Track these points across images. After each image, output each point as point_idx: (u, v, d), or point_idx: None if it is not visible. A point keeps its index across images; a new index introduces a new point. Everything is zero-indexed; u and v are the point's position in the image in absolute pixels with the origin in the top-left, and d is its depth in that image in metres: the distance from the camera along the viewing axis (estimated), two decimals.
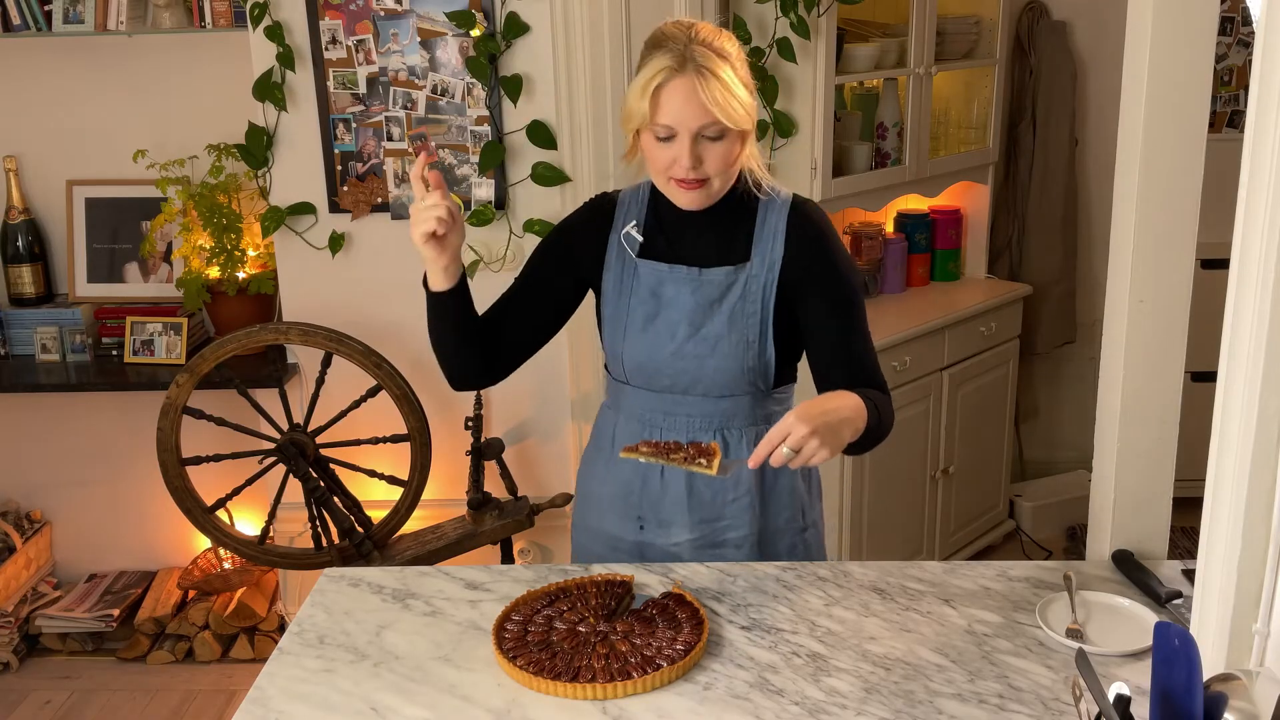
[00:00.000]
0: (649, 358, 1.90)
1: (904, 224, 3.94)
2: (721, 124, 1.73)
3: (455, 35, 3.01)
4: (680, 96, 1.72)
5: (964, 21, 3.73)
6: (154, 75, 3.40)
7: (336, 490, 2.99)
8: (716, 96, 1.72)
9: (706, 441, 1.83)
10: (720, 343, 1.87)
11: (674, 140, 1.75)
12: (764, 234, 1.87)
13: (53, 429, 3.66)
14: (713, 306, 1.87)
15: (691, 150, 1.75)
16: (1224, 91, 4.10)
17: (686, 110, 1.72)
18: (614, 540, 2.01)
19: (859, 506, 3.42)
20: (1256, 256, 1.21)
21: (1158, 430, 1.87)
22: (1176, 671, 1.19)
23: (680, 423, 1.92)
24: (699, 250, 1.89)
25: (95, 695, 3.34)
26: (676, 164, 1.76)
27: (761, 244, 1.87)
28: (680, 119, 1.73)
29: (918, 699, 1.57)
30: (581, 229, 1.98)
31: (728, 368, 1.88)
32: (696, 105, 1.72)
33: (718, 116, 1.72)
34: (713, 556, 1.96)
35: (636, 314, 1.90)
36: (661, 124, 1.74)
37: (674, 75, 1.72)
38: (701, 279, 1.87)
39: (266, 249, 3.34)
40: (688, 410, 1.92)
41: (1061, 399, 4.37)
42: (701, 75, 1.71)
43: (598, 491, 2.04)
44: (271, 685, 1.65)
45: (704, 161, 1.76)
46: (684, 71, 1.71)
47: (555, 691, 1.59)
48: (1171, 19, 1.70)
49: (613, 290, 1.93)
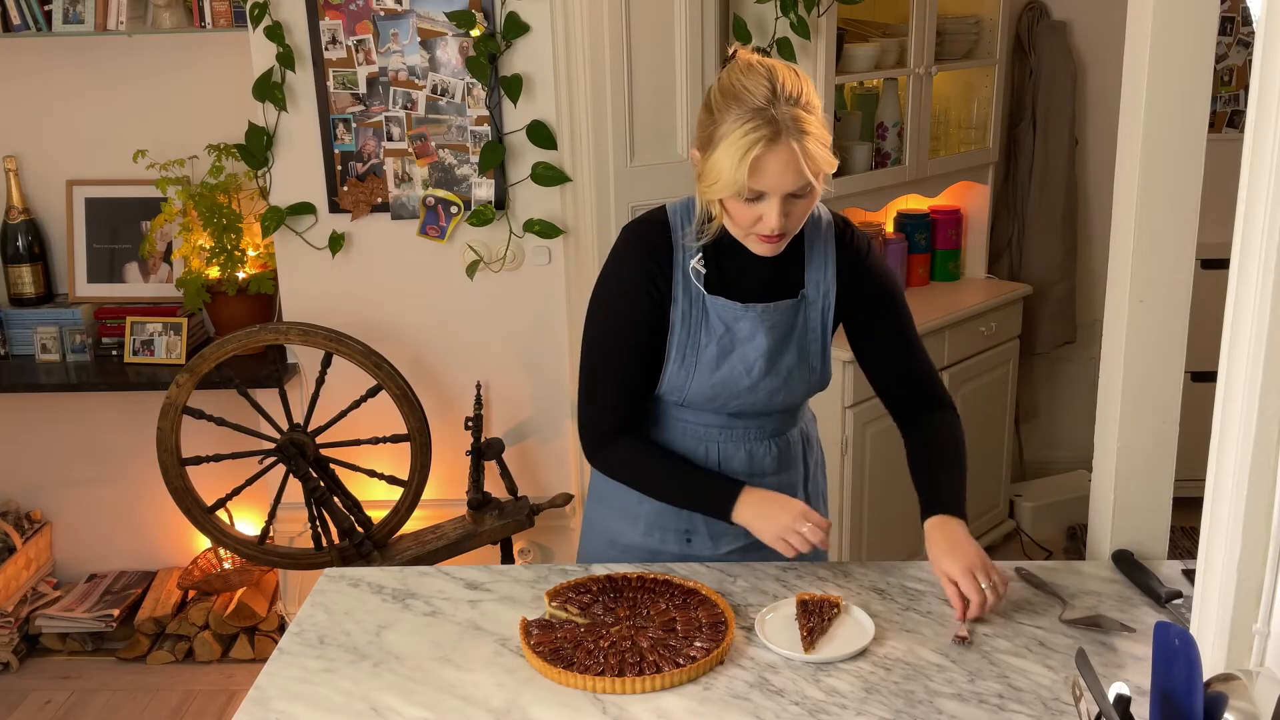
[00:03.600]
0: (723, 390, 1.88)
1: (904, 224, 3.93)
2: (813, 182, 1.71)
3: (455, 35, 3.01)
4: (779, 165, 1.67)
5: (964, 21, 3.73)
6: (154, 75, 3.40)
7: (336, 490, 2.99)
8: (814, 158, 1.69)
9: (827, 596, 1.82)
10: (792, 373, 1.90)
11: (763, 201, 1.71)
12: (814, 261, 1.89)
13: (53, 429, 3.66)
14: (783, 341, 1.88)
15: (781, 210, 1.71)
16: (1224, 91, 4.10)
17: (784, 178, 1.68)
18: (652, 555, 1.99)
19: (859, 506, 3.42)
20: (1256, 256, 1.21)
21: (1158, 430, 1.87)
22: (1176, 671, 1.19)
23: (738, 434, 1.94)
24: (759, 283, 1.87)
25: (95, 695, 3.34)
26: (763, 222, 1.73)
27: (813, 271, 1.89)
28: (776, 185, 1.69)
29: (918, 699, 1.57)
30: (649, 277, 1.84)
31: (796, 391, 1.92)
32: (795, 171, 1.68)
33: (810, 179, 1.70)
34: (758, 558, 1.97)
35: (710, 349, 1.86)
36: (755, 189, 1.70)
37: (771, 145, 1.66)
38: (775, 316, 1.87)
39: (266, 249, 3.34)
40: (744, 425, 1.94)
41: (1061, 399, 4.37)
42: (799, 141, 1.66)
43: (636, 510, 1.98)
44: (271, 685, 1.65)
45: (790, 216, 1.74)
46: (780, 140, 1.66)
47: (554, 678, 1.60)
48: (1171, 19, 1.70)
49: (680, 323, 1.85)
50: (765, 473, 1.95)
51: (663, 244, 1.84)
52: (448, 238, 3.15)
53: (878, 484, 3.45)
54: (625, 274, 1.86)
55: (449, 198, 3.13)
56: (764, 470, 1.95)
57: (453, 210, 3.13)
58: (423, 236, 3.16)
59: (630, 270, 1.85)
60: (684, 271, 1.84)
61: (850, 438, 3.32)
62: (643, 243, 1.86)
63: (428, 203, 3.13)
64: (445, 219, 3.14)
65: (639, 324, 1.85)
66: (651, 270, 1.83)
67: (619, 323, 1.87)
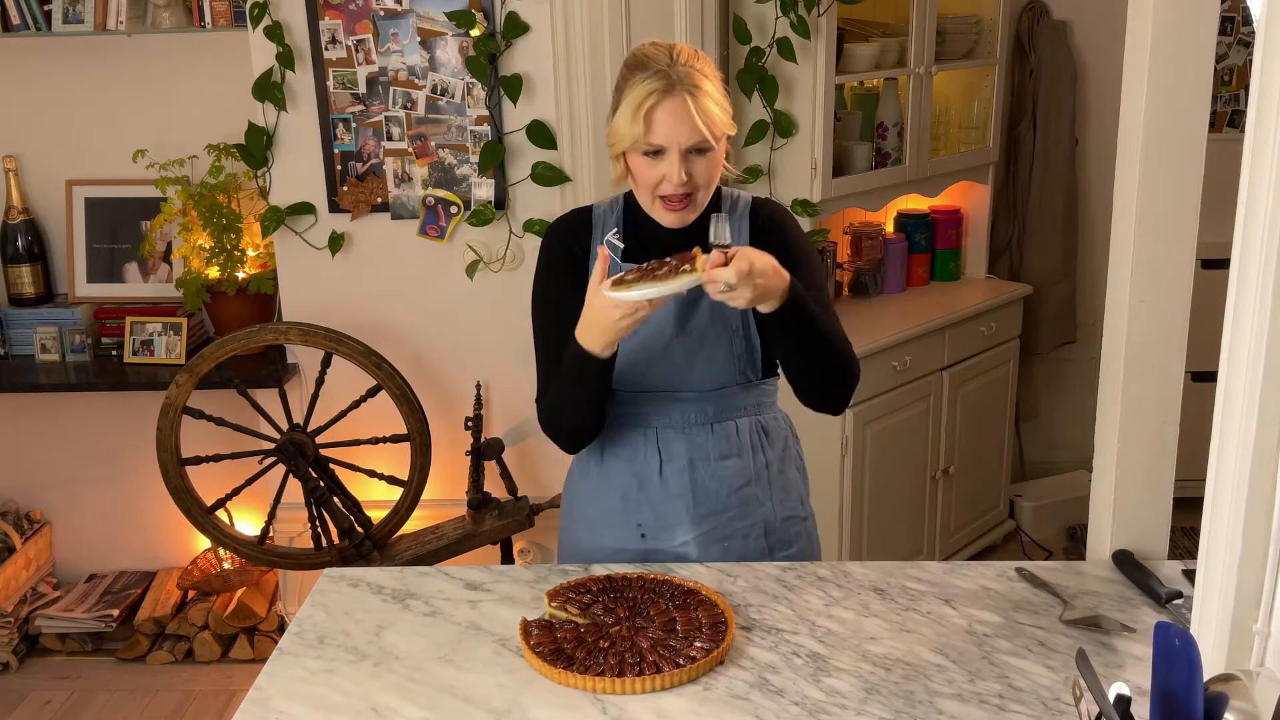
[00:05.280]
0: (641, 355, 1.91)
1: (904, 224, 3.93)
2: (709, 138, 1.80)
3: (455, 35, 3.01)
4: (673, 116, 1.79)
5: (964, 21, 3.73)
6: (154, 75, 3.40)
7: (336, 490, 2.99)
8: (707, 112, 1.79)
9: (687, 254, 1.78)
10: (706, 335, 1.91)
11: (663, 157, 1.81)
12: (733, 229, 1.91)
13: (53, 429, 3.66)
14: (696, 302, 1.89)
15: (681, 165, 1.81)
16: (1224, 91, 4.10)
17: (679, 129, 1.79)
18: (614, 554, 2.00)
19: (859, 506, 3.42)
20: (1256, 256, 1.21)
21: (1158, 430, 1.87)
22: (1176, 671, 1.19)
23: (676, 419, 1.94)
24: (675, 252, 1.86)
25: (95, 695, 3.34)
26: (666, 180, 1.82)
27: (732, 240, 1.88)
28: (672, 137, 1.79)
29: (918, 699, 1.57)
30: (566, 248, 1.97)
31: (716, 358, 1.92)
32: (689, 124, 1.79)
33: (706, 133, 1.79)
34: (723, 550, 1.97)
35: None
36: (653, 143, 1.80)
37: (664, 96, 1.78)
38: None
39: (266, 249, 3.34)
40: (681, 406, 1.93)
41: (1061, 399, 4.37)
42: (691, 94, 1.79)
43: (590, 511, 2.03)
44: (271, 685, 1.65)
45: (692, 176, 1.82)
46: (674, 93, 1.78)
47: (554, 678, 1.60)
48: (1171, 19, 1.70)
49: None
50: (710, 458, 1.94)
51: (582, 225, 1.98)
52: (448, 238, 3.15)
53: (878, 484, 3.46)
54: (543, 254, 1.99)
55: (449, 198, 3.13)
56: (707, 456, 1.94)
57: (453, 210, 3.13)
58: (423, 236, 3.16)
59: (546, 250, 1.99)
60: (602, 244, 1.92)
61: (850, 438, 3.32)
62: (561, 224, 2.01)
63: (428, 203, 3.13)
64: (445, 219, 3.14)
65: (558, 297, 1.94)
66: (568, 243, 1.96)
67: (542, 294, 1.98)
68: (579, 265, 1.95)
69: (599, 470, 2.00)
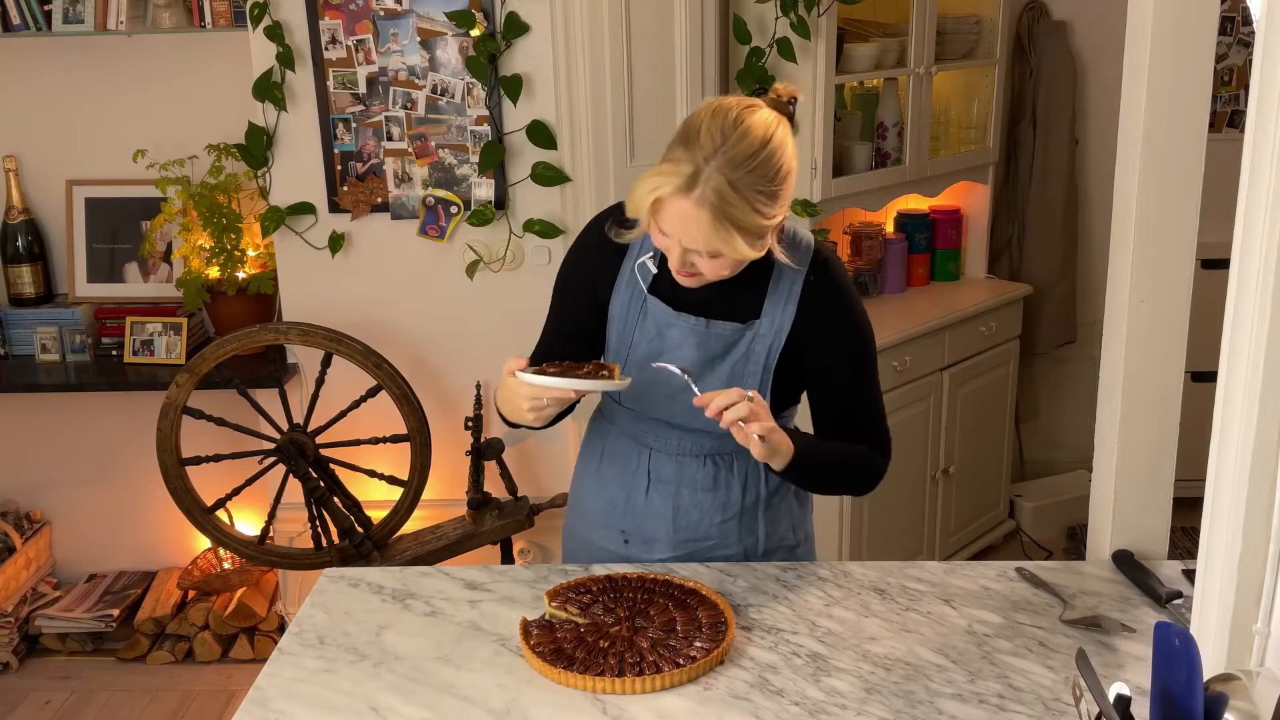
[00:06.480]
0: (647, 392, 1.86)
1: (904, 224, 3.93)
2: (719, 251, 1.66)
3: (455, 35, 3.01)
4: (678, 216, 1.63)
5: (964, 21, 3.73)
6: (154, 75, 3.40)
7: (336, 490, 2.99)
8: (710, 236, 1.62)
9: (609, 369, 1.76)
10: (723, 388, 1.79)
11: (670, 239, 1.68)
12: (778, 293, 1.81)
13: (53, 429, 3.66)
14: (714, 361, 1.83)
15: (683, 259, 1.69)
16: (1224, 91, 4.10)
17: (685, 229, 1.64)
18: (600, 552, 2.00)
19: (859, 506, 3.42)
20: (1256, 256, 1.21)
21: (1158, 430, 1.87)
22: (1176, 671, 1.19)
23: (672, 446, 1.90)
24: (708, 299, 1.81)
25: (95, 695, 3.34)
26: (671, 258, 1.72)
27: (774, 304, 1.81)
28: (676, 233, 1.66)
29: (918, 699, 1.57)
30: (597, 252, 1.88)
31: None
32: (692, 230, 1.63)
33: (715, 248, 1.65)
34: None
35: (640, 349, 1.85)
36: (660, 229, 1.68)
37: (679, 194, 1.61)
38: (708, 332, 1.82)
39: (266, 249, 3.34)
40: (679, 436, 1.90)
41: (1061, 399, 4.37)
42: (704, 207, 1.60)
43: (587, 504, 2.03)
44: (271, 685, 1.65)
45: (698, 269, 1.70)
46: (689, 195, 1.60)
47: (554, 678, 1.60)
48: (1171, 19, 1.70)
49: (619, 318, 1.87)
50: (696, 488, 1.91)
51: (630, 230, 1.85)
52: (448, 238, 3.15)
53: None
54: (585, 233, 1.92)
55: (449, 198, 3.13)
56: (694, 485, 1.91)
57: (453, 210, 3.13)
58: (423, 236, 3.16)
59: (591, 230, 1.91)
60: (634, 265, 1.85)
61: None
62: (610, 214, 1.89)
63: (427, 203, 3.13)
64: (445, 219, 3.14)
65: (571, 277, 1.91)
66: (601, 246, 1.87)
67: (564, 271, 1.94)
68: (609, 261, 1.87)
69: (596, 471, 2.00)
